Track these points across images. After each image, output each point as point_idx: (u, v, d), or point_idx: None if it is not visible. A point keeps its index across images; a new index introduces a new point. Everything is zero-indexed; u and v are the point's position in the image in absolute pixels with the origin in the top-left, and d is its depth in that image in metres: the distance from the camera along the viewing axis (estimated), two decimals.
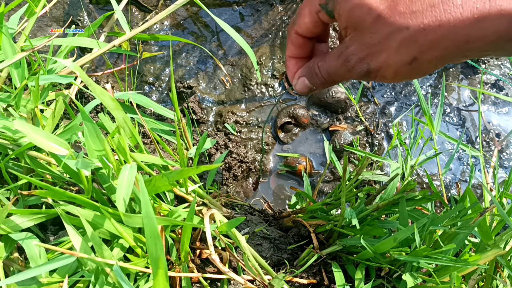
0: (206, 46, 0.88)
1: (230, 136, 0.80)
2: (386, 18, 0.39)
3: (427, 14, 0.38)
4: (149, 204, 0.35)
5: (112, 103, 0.47)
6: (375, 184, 0.77)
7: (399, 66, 0.40)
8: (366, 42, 0.41)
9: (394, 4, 0.39)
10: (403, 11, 0.38)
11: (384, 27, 0.39)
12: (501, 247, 0.50)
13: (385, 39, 0.39)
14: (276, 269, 0.55)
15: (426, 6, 0.38)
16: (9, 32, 0.60)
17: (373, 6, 0.39)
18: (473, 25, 0.36)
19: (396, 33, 0.38)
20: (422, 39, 0.38)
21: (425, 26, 0.38)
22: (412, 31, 0.38)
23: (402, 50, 0.39)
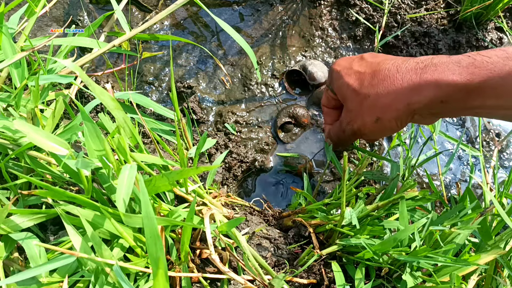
0: (206, 46, 0.88)
1: (230, 136, 0.80)
2: (357, 90, 0.55)
3: (380, 86, 0.53)
4: (149, 204, 0.35)
5: (112, 103, 0.47)
6: (375, 184, 0.77)
7: (370, 125, 0.55)
8: (349, 109, 0.58)
9: (362, 81, 0.55)
10: (366, 85, 0.55)
11: (356, 97, 0.56)
12: (501, 247, 0.50)
13: (358, 106, 0.56)
14: (276, 269, 0.55)
15: (380, 80, 0.53)
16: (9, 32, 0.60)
17: (350, 83, 0.57)
18: (410, 92, 0.51)
19: (364, 101, 0.55)
20: (379, 104, 0.53)
21: (379, 94, 0.53)
22: (372, 98, 0.54)
23: (369, 113, 0.55)
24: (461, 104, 0.49)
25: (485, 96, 0.48)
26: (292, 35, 0.91)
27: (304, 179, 0.70)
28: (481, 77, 0.47)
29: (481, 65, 0.47)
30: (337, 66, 0.61)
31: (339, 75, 0.59)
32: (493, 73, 0.46)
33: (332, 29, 0.92)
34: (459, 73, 0.48)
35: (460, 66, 0.48)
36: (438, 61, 0.50)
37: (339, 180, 0.78)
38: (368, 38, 0.91)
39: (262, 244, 0.57)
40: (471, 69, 0.47)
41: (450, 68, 0.49)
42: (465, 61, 0.48)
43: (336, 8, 0.93)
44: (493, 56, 0.47)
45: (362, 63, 0.58)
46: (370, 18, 0.91)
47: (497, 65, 0.46)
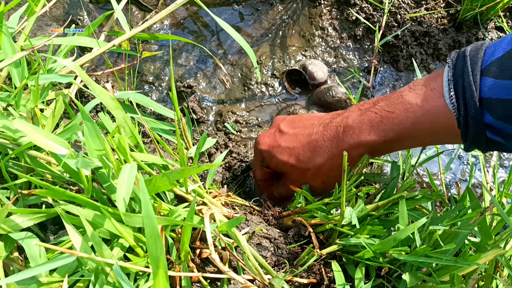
0: (206, 45, 0.88)
1: (230, 136, 0.80)
2: (295, 166, 0.61)
3: (317, 157, 0.59)
4: (149, 203, 0.35)
5: (112, 102, 0.47)
6: (375, 184, 0.77)
7: (318, 187, 0.62)
8: (293, 179, 0.63)
9: (297, 157, 0.61)
10: (302, 159, 0.60)
11: (297, 171, 0.62)
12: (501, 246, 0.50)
13: (301, 177, 0.62)
14: (276, 268, 0.55)
15: (313, 152, 0.59)
16: (9, 32, 0.60)
17: (286, 161, 0.62)
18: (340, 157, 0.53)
19: (305, 172, 0.61)
20: (321, 171, 0.59)
21: (318, 165, 0.59)
22: (313, 169, 0.60)
23: (314, 179, 0.61)
24: (387, 151, 0.58)
25: (402, 143, 0.54)
26: (292, 35, 0.91)
27: None
28: (393, 132, 0.53)
29: (388, 121, 0.53)
30: (263, 145, 0.65)
31: (271, 155, 0.63)
32: (401, 126, 0.52)
33: (332, 28, 0.92)
34: (374, 133, 0.54)
35: (372, 126, 0.54)
36: (352, 122, 0.56)
37: None
38: (368, 38, 0.91)
39: (262, 243, 0.57)
40: (381, 127, 0.53)
41: (364, 129, 0.55)
42: (374, 120, 0.54)
43: (336, 7, 0.93)
44: (395, 110, 0.52)
45: (286, 137, 0.63)
46: (370, 18, 0.91)
47: (401, 118, 0.52)
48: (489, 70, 0.46)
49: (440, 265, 0.51)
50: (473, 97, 0.46)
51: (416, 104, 0.51)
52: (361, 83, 0.83)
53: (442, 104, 0.49)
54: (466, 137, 0.49)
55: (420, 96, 0.51)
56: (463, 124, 0.48)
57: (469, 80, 0.47)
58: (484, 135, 0.48)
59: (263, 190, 0.73)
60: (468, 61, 0.48)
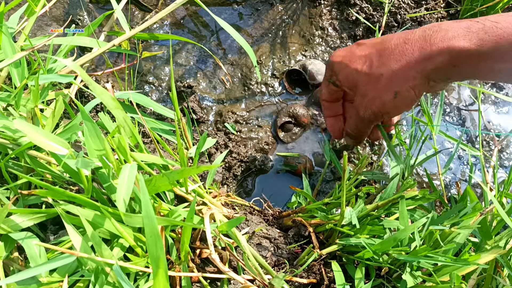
0: (206, 45, 0.88)
1: (230, 136, 0.80)
2: (368, 73, 0.54)
3: (392, 61, 0.52)
4: (149, 204, 0.35)
5: (112, 102, 0.47)
6: (375, 184, 0.77)
7: (389, 102, 0.54)
8: (363, 94, 0.56)
9: (370, 62, 0.54)
10: (376, 64, 0.54)
11: (369, 80, 0.54)
12: (501, 246, 0.50)
13: (373, 88, 0.54)
14: (276, 268, 0.55)
15: (389, 55, 0.53)
16: (9, 32, 0.60)
17: (358, 69, 0.55)
18: (423, 60, 0.51)
19: (378, 81, 0.54)
20: (395, 78, 0.52)
21: (392, 69, 0.52)
22: (386, 75, 0.53)
23: (386, 90, 0.53)
24: (472, 69, 0.50)
25: (494, 61, 0.48)
26: (292, 35, 0.91)
27: (303, 178, 0.70)
28: (491, 43, 0.47)
29: (490, 30, 0.47)
30: (337, 57, 0.59)
31: (343, 65, 0.57)
32: (502, 39, 0.47)
33: (332, 28, 0.92)
34: (469, 39, 0.48)
35: (470, 31, 0.48)
36: (447, 26, 0.50)
37: (339, 180, 0.78)
38: (368, 38, 0.91)
39: (262, 243, 0.57)
40: (480, 35, 0.48)
41: (460, 34, 0.49)
42: (474, 26, 0.48)
43: (336, 7, 0.93)
44: (502, 21, 0.47)
45: (363, 47, 0.57)
46: (370, 18, 0.91)
47: (506, 30, 0.47)
48: None
49: (440, 265, 0.51)
50: None
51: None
52: None
53: None
54: None
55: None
56: None
57: None
58: None
59: (327, 113, 0.66)
60: None
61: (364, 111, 0.57)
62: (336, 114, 0.66)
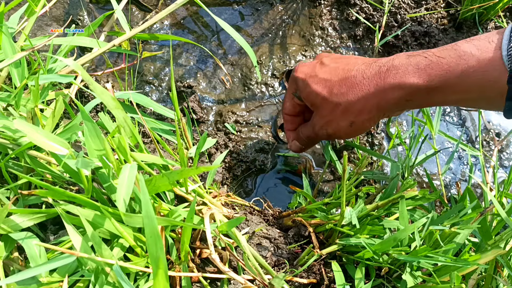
0: (206, 45, 0.88)
1: (230, 136, 0.80)
2: (327, 99, 0.58)
3: (350, 93, 0.56)
4: (149, 204, 0.35)
5: (113, 102, 0.47)
6: (375, 184, 0.77)
7: (345, 129, 0.59)
8: (321, 115, 0.60)
9: (330, 89, 0.58)
10: (336, 93, 0.57)
11: (328, 105, 0.58)
12: (501, 246, 0.50)
13: (331, 113, 0.58)
14: (276, 268, 0.55)
15: (349, 87, 0.56)
16: (9, 32, 0.60)
17: (319, 92, 0.59)
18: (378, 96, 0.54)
19: (336, 108, 0.58)
20: (352, 110, 0.56)
21: (350, 102, 0.56)
22: (344, 106, 0.57)
23: (342, 118, 0.58)
24: (425, 101, 0.54)
25: (444, 93, 0.52)
26: (292, 35, 0.91)
27: (303, 178, 0.70)
28: (439, 78, 0.51)
29: (437, 66, 0.51)
30: (301, 73, 0.62)
31: (305, 83, 0.61)
32: (449, 73, 0.50)
33: (332, 28, 0.92)
34: (419, 76, 0.52)
35: (419, 68, 0.52)
36: (398, 63, 0.54)
37: (339, 180, 0.78)
38: (368, 38, 0.91)
39: (262, 243, 0.57)
40: (428, 71, 0.51)
41: (410, 71, 0.53)
42: (422, 63, 0.52)
43: (336, 7, 0.93)
44: (447, 56, 0.51)
45: (326, 69, 0.60)
46: (370, 18, 0.91)
47: (451, 65, 0.50)
48: None
49: (440, 265, 0.51)
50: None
51: (470, 53, 0.50)
52: None
53: (498, 56, 0.48)
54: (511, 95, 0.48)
55: (476, 46, 0.50)
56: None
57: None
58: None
59: (288, 127, 0.70)
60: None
61: (319, 130, 0.62)
62: (296, 127, 0.69)
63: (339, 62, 0.61)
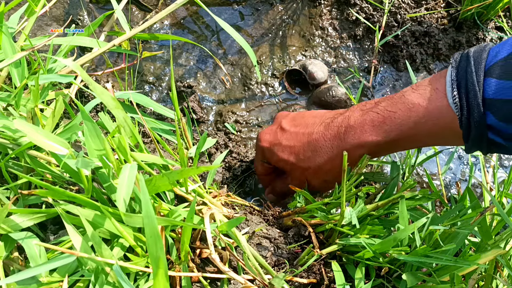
0: (206, 45, 0.88)
1: (230, 136, 0.80)
2: (296, 164, 0.61)
3: (317, 157, 0.59)
4: (149, 204, 0.35)
5: (113, 102, 0.47)
6: (375, 184, 0.77)
7: (318, 185, 0.62)
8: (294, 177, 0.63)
9: (297, 155, 0.61)
10: (302, 158, 0.60)
11: (297, 169, 0.62)
12: (501, 246, 0.50)
13: (301, 175, 0.62)
14: (276, 268, 0.55)
15: (313, 151, 0.59)
16: (9, 32, 0.60)
17: (285, 159, 0.62)
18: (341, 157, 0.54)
19: (305, 171, 0.61)
20: (321, 171, 0.59)
21: (318, 164, 0.59)
22: (313, 169, 0.60)
23: (315, 178, 0.61)
24: (387, 151, 0.58)
25: (403, 143, 0.54)
26: (292, 35, 0.91)
27: None
28: (395, 132, 0.53)
29: (391, 121, 0.53)
30: (264, 142, 0.65)
31: (271, 152, 0.64)
32: (403, 126, 0.52)
33: (332, 28, 0.92)
34: (376, 133, 0.54)
35: (374, 126, 0.54)
36: (354, 122, 0.56)
37: None
38: (368, 38, 0.91)
39: (262, 243, 0.57)
40: (384, 127, 0.53)
41: (366, 130, 0.55)
42: (376, 120, 0.54)
43: (336, 7, 0.93)
44: (398, 110, 0.52)
45: (287, 135, 0.63)
46: (370, 18, 0.91)
47: (403, 118, 0.52)
48: (493, 71, 0.46)
49: (440, 265, 0.51)
50: (477, 97, 0.46)
51: (418, 104, 0.51)
52: (361, 83, 0.83)
53: (445, 104, 0.49)
54: (468, 137, 0.49)
55: (422, 96, 0.51)
56: (465, 124, 0.48)
57: (473, 80, 0.47)
58: (486, 136, 0.48)
59: (265, 184, 0.73)
60: (471, 61, 0.48)
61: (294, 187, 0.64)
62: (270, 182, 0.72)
63: (298, 125, 0.63)
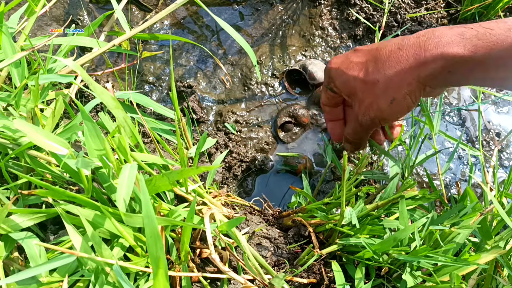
0: (206, 45, 0.88)
1: (230, 136, 0.80)
2: (364, 79, 0.55)
3: (387, 67, 0.53)
4: (149, 204, 0.35)
5: (113, 102, 0.47)
6: (375, 184, 0.77)
7: (386, 108, 0.54)
8: (360, 100, 0.56)
9: (366, 69, 0.55)
10: (371, 71, 0.54)
11: (365, 86, 0.55)
12: (501, 246, 0.50)
13: (369, 94, 0.55)
14: (276, 268, 0.55)
15: (384, 61, 0.53)
16: (9, 32, 0.60)
17: (354, 75, 0.56)
18: (418, 67, 0.51)
19: (374, 87, 0.54)
20: (390, 84, 0.53)
21: (388, 76, 0.53)
22: (382, 82, 0.53)
23: (382, 96, 0.54)
24: (467, 75, 0.50)
25: (488, 67, 0.49)
26: (292, 35, 0.91)
27: (303, 178, 0.70)
28: (485, 49, 0.47)
29: (484, 37, 0.48)
30: (334, 64, 0.60)
31: (339, 72, 0.58)
32: (496, 45, 0.47)
33: (332, 28, 0.92)
34: (463, 46, 0.48)
35: (464, 38, 0.49)
36: (440, 33, 0.50)
37: (339, 180, 0.78)
38: (368, 38, 0.91)
39: (262, 243, 0.57)
40: (474, 41, 0.48)
41: (453, 40, 0.49)
42: (468, 33, 0.49)
43: (336, 7, 0.93)
44: (495, 28, 0.48)
45: (359, 53, 0.57)
46: (370, 18, 0.91)
47: (500, 37, 0.47)
48: None
49: (440, 265, 0.51)
50: None
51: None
52: None
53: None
54: None
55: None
56: None
57: None
58: None
59: (327, 118, 0.67)
60: None
61: (362, 117, 0.58)
62: (337, 118, 0.66)
63: (372, 45, 0.58)
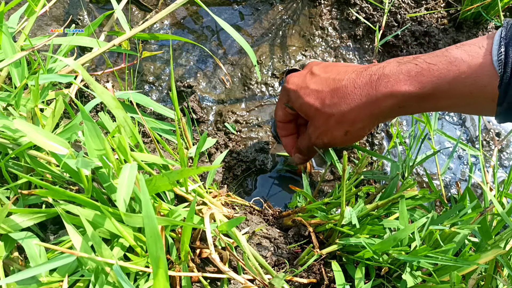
0: (206, 45, 0.88)
1: (230, 136, 0.80)
2: (320, 110, 0.59)
3: (342, 104, 0.56)
4: (149, 203, 0.35)
5: (113, 102, 0.47)
6: (375, 184, 0.77)
7: (340, 138, 0.59)
8: (316, 126, 0.61)
9: (322, 100, 0.58)
10: (328, 103, 0.58)
11: (321, 116, 0.59)
12: (501, 246, 0.50)
13: (325, 123, 0.59)
14: (276, 268, 0.55)
15: (340, 98, 0.57)
16: (9, 31, 0.60)
17: (311, 103, 0.59)
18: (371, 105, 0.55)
19: (329, 119, 0.58)
20: (345, 120, 0.57)
21: (343, 112, 0.56)
22: (337, 116, 0.57)
23: (337, 128, 0.58)
24: (417, 108, 0.55)
25: (436, 100, 0.53)
26: (292, 35, 0.91)
27: (303, 178, 0.70)
28: (431, 85, 0.51)
29: (428, 73, 0.51)
30: (292, 85, 0.63)
31: (297, 95, 0.61)
32: (440, 80, 0.51)
33: (332, 28, 0.92)
34: (410, 83, 0.52)
35: (410, 76, 0.52)
36: (389, 71, 0.54)
37: (339, 180, 0.78)
38: (368, 38, 0.91)
39: (262, 243, 0.57)
40: (420, 78, 0.52)
41: (401, 79, 0.53)
42: (413, 70, 0.52)
43: (336, 7, 0.93)
44: (438, 63, 0.51)
45: (316, 79, 0.61)
46: (370, 18, 0.91)
47: (442, 71, 0.51)
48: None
49: (440, 265, 0.51)
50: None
51: (461, 59, 0.50)
52: None
53: (488, 61, 0.48)
54: (503, 99, 0.48)
55: (467, 52, 0.50)
56: (505, 83, 0.47)
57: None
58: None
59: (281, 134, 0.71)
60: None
61: (315, 140, 0.62)
62: (290, 133, 0.70)
63: (329, 71, 0.61)
